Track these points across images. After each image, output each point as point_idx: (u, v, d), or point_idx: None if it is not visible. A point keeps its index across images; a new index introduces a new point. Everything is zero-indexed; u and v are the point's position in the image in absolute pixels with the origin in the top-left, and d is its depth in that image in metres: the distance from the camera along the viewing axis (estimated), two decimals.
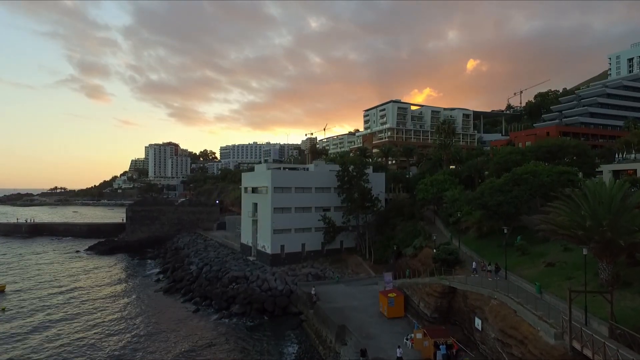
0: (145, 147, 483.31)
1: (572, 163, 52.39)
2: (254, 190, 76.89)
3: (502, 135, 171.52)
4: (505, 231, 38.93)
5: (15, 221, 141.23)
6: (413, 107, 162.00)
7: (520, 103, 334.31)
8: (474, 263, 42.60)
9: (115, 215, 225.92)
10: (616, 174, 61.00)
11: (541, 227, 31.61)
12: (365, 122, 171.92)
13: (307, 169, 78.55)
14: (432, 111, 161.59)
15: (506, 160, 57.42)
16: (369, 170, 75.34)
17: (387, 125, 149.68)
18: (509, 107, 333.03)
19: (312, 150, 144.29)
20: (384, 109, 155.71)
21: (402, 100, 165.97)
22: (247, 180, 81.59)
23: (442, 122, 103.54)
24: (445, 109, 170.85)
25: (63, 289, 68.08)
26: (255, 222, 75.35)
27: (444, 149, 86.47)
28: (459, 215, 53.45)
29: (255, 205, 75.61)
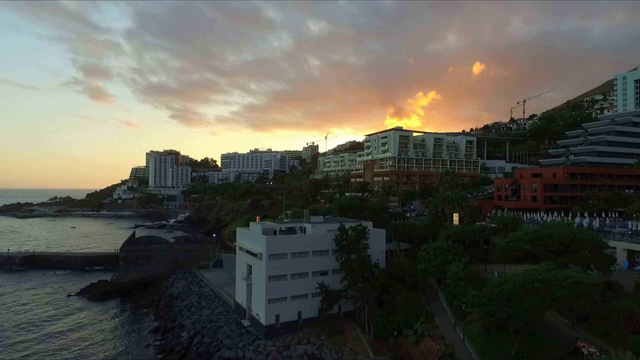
0: (147, 153, 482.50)
1: (586, 259, 49.07)
2: (249, 251, 73.69)
3: (505, 161, 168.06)
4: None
5: (7, 252, 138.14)
6: (415, 134, 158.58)
7: (524, 113, 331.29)
8: None
9: (113, 233, 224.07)
10: (631, 254, 57.57)
11: None
12: (367, 147, 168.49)
13: (304, 229, 75.23)
14: (435, 138, 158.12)
15: (514, 248, 54.20)
16: (369, 228, 72.00)
17: (389, 154, 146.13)
18: (512, 120, 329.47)
19: (312, 194, 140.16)
20: (385, 137, 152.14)
21: (405, 122, 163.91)
22: (242, 238, 78.25)
23: (445, 172, 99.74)
24: (448, 134, 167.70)
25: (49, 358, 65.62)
26: (249, 285, 72.36)
27: (447, 203, 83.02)
28: (463, 308, 50.29)
29: (250, 267, 72.60)
